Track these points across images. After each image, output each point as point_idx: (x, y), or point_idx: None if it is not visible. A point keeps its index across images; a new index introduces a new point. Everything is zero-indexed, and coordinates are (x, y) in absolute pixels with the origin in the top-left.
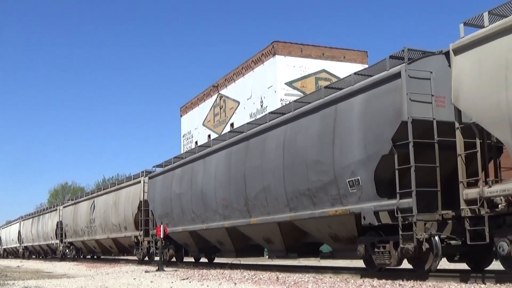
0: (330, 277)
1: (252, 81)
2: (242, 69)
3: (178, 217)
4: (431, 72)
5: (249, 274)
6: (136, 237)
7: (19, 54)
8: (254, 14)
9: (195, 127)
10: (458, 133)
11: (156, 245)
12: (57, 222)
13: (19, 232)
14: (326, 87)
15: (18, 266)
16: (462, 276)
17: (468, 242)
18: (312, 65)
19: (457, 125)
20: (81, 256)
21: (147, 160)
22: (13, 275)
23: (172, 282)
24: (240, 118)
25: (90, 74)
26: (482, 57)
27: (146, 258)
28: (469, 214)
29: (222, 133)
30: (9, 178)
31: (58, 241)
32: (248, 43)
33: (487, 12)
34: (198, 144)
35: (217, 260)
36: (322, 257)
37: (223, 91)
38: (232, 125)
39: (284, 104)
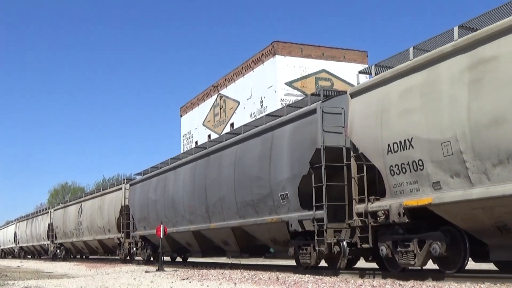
0: (330, 277)
1: (252, 81)
2: (242, 69)
3: (154, 221)
4: (343, 108)
5: (249, 274)
6: (118, 238)
7: (19, 54)
8: (254, 14)
9: (195, 127)
10: (352, 160)
11: (136, 246)
12: (49, 224)
13: (15, 233)
14: (267, 115)
15: (18, 266)
16: (462, 276)
17: (358, 246)
18: (312, 65)
19: (352, 153)
20: (71, 256)
21: (147, 160)
22: (13, 275)
23: (172, 282)
24: (240, 118)
25: (90, 74)
26: (367, 102)
27: (128, 258)
28: (359, 224)
29: (222, 133)
30: (9, 178)
31: (49, 242)
32: (248, 43)
33: (373, 65)
34: (198, 144)
35: (217, 260)
36: (266, 257)
37: (223, 91)
38: (232, 125)
39: (284, 105)
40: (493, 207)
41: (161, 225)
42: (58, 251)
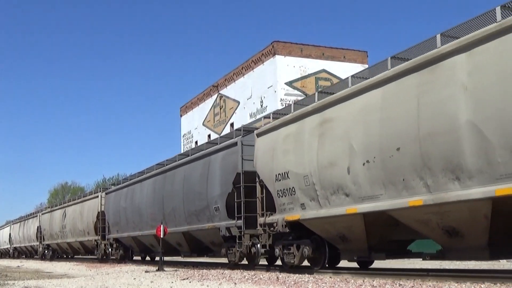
0: (330, 277)
1: (252, 81)
2: (242, 69)
3: (124, 225)
4: None
5: (249, 274)
6: (95, 240)
7: (18, 54)
8: (254, 14)
9: (195, 127)
10: (257, 184)
11: (111, 247)
12: (38, 226)
13: (9, 234)
14: (207, 142)
15: (18, 266)
16: (462, 276)
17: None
18: (312, 65)
19: (257, 179)
20: (57, 256)
21: (147, 160)
22: (13, 275)
23: (172, 282)
24: (240, 118)
25: (90, 74)
26: (265, 141)
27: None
28: (262, 232)
29: (222, 133)
30: (9, 178)
31: (38, 243)
32: (248, 43)
33: (271, 116)
34: (198, 144)
35: (216, 260)
36: (208, 256)
37: (223, 91)
38: (232, 125)
39: (284, 105)
40: (334, 223)
41: (161, 225)
42: (46, 251)
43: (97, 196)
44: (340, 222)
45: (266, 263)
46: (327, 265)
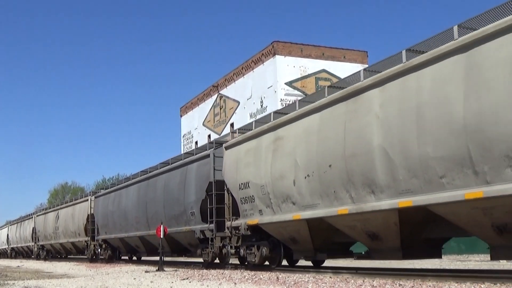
0: (330, 277)
1: (252, 81)
2: (242, 69)
3: (112, 227)
4: None
5: (249, 274)
6: (85, 241)
7: (18, 53)
8: (254, 14)
9: (195, 127)
10: (226, 192)
11: (101, 247)
12: (33, 228)
13: (7, 235)
14: (185, 153)
15: (18, 266)
16: (462, 276)
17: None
18: (312, 65)
19: (225, 188)
20: (51, 256)
21: (147, 160)
22: (13, 275)
23: (172, 282)
24: (240, 118)
25: (90, 74)
26: (232, 154)
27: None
28: (229, 235)
29: (222, 133)
30: (9, 178)
31: (33, 243)
32: (248, 43)
33: (237, 131)
34: (198, 144)
35: (217, 260)
36: (187, 256)
37: (223, 91)
38: (232, 125)
39: (284, 105)
40: (285, 227)
41: (161, 226)
42: (40, 251)
43: (87, 200)
44: (290, 226)
45: (238, 262)
46: (288, 264)
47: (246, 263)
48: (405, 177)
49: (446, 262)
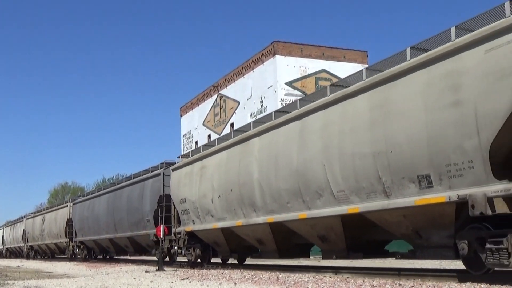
0: (330, 277)
1: (252, 81)
2: (242, 69)
3: (87, 230)
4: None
5: (249, 274)
6: (65, 242)
7: (19, 54)
8: (254, 14)
9: (195, 127)
10: (172, 205)
11: (79, 248)
12: (23, 230)
13: (2, 236)
14: (143, 170)
15: (18, 266)
16: (462, 276)
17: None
18: (312, 65)
19: (172, 201)
20: (38, 256)
21: (147, 160)
22: (13, 275)
23: (172, 282)
24: (240, 118)
25: (90, 74)
26: (176, 175)
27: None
28: (175, 238)
29: (222, 133)
30: (9, 178)
31: (23, 244)
32: (248, 43)
33: (181, 156)
34: (198, 144)
35: (216, 260)
36: (148, 255)
37: (223, 91)
38: (232, 125)
39: (283, 105)
40: (209, 233)
41: (161, 226)
42: (29, 251)
43: (67, 206)
44: (211, 233)
45: (186, 260)
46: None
47: (187, 260)
48: (270, 202)
49: (446, 262)
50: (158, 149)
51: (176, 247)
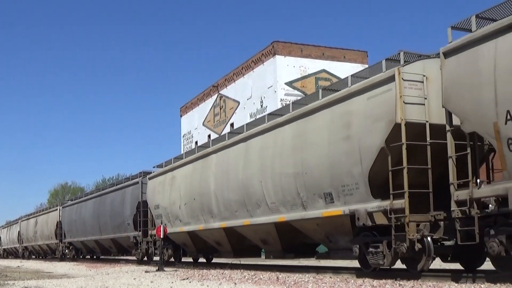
0: (330, 277)
1: (252, 81)
2: (242, 69)
3: (76, 232)
4: (145, 183)
5: (249, 274)
6: (56, 243)
7: (18, 54)
8: (254, 14)
9: (195, 127)
10: (148, 210)
11: (68, 248)
12: (18, 231)
13: (0, 237)
14: (125, 178)
15: (18, 266)
16: (462, 276)
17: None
18: (312, 65)
19: (148, 206)
20: (33, 256)
21: (147, 160)
22: (13, 275)
23: (172, 282)
24: (240, 118)
25: (90, 74)
26: (152, 183)
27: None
28: (151, 240)
29: (222, 133)
30: (9, 178)
31: (19, 245)
32: (248, 43)
33: (157, 166)
34: (198, 144)
35: (217, 260)
36: (129, 255)
37: (223, 91)
38: (232, 125)
39: (283, 105)
40: (178, 235)
41: (161, 226)
42: (24, 252)
43: (57, 209)
44: (180, 236)
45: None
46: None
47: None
48: (223, 210)
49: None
50: (158, 149)
51: (153, 248)
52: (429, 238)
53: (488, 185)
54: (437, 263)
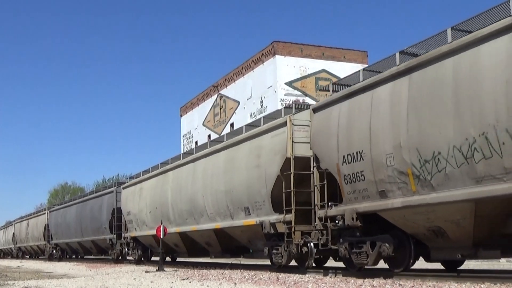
0: (330, 277)
1: (252, 81)
2: (242, 69)
3: (61, 234)
4: (120, 192)
5: (249, 274)
6: (44, 244)
7: (18, 53)
8: (254, 14)
9: (195, 127)
10: (122, 216)
11: (55, 249)
12: (13, 233)
13: None
14: (102, 187)
15: (18, 266)
16: (462, 276)
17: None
18: (312, 65)
19: (122, 212)
20: (27, 256)
21: (147, 160)
22: (13, 275)
23: (172, 282)
24: (240, 118)
25: (90, 74)
26: (126, 192)
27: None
28: (124, 241)
29: (222, 133)
30: (9, 178)
31: (13, 246)
32: (248, 43)
33: (129, 177)
34: (198, 144)
35: (215, 260)
36: (107, 255)
37: (223, 91)
38: (232, 125)
39: (283, 105)
40: (146, 238)
41: (161, 226)
42: (18, 252)
43: (45, 213)
44: (147, 238)
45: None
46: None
47: (133, 259)
48: (178, 218)
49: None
50: (158, 149)
51: (126, 249)
52: (312, 243)
53: (335, 207)
54: (437, 263)
